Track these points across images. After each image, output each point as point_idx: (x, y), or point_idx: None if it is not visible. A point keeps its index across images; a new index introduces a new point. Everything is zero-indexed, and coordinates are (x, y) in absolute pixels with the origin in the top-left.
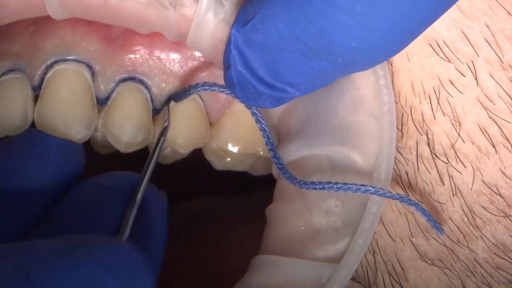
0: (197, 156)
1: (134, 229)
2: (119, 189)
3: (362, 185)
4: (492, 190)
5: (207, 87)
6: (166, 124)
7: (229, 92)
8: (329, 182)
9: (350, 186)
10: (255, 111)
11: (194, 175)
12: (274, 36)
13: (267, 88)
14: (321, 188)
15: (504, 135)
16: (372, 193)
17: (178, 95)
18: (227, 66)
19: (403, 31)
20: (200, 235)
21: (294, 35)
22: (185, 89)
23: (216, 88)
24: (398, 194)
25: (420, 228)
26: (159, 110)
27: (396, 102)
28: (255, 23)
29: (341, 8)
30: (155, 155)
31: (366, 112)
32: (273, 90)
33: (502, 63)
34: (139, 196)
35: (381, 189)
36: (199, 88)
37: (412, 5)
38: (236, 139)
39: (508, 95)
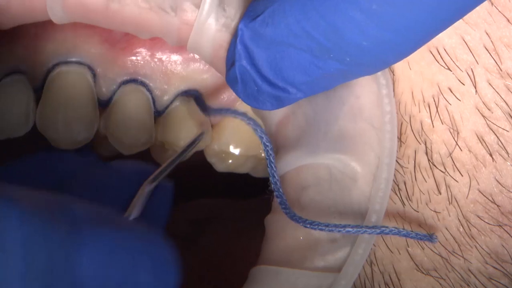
0: (198, 159)
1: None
2: (129, 173)
3: (354, 226)
4: (488, 199)
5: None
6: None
7: (244, 117)
8: (327, 224)
9: (345, 229)
10: (262, 135)
11: (195, 178)
12: (283, 31)
13: (268, 86)
14: (319, 229)
15: (500, 144)
16: (360, 233)
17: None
18: (230, 63)
19: (417, 35)
20: (206, 237)
21: (305, 30)
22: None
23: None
24: (395, 228)
25: None
26: (160, 112)
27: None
28: (265, 18)
29: (358, 5)
30: (188, 150)
31: (366, 121)
32: (274, 89)
33: (501, 70)
34: (154, 181)
35: (374, 227)
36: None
37: (431, 11)
38: (237, 141)
39: (506, 103)
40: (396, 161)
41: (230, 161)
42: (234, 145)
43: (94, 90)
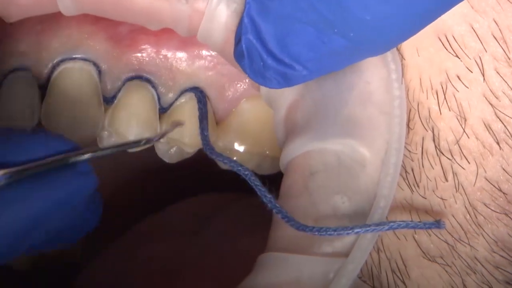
0: (204, 154)
1: None
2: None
3: (363, 226)
4: (494, 187)
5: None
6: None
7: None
8: (335, 229)
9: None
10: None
11: (199, 175)
12: (290, 4)
13: (274, 61)
14: (329, 234)
15: (507, 132)
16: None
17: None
18: (238, 39)
19: (419, 11)
20: (211, 232)
21: (310, 3)
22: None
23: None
24: (403, 221)
25: None
26: (165, 108)
27: None
28: None
29: None
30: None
31: (375, 106)
32: (280, 65)
33: (509, 59)
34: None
35: (382, 223)
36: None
37: None
38: (242, 138)
39: None
40: (405, 147)
41: (235, 158)
42: (238, 142)
43: (99, 86)
